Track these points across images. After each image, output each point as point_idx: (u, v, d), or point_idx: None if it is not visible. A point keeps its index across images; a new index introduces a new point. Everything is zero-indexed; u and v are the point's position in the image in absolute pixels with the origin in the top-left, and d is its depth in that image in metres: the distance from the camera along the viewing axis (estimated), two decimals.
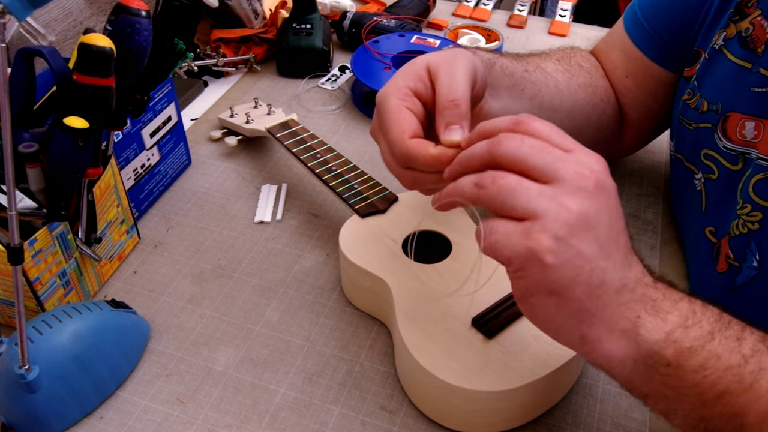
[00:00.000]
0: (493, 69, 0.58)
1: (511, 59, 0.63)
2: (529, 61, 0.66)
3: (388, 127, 0.48)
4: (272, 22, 1.03)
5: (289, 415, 0.55)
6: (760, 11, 0.57)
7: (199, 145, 0.86)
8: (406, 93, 0.49)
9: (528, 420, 0.55)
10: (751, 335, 0.40)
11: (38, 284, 0.58)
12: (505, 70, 0.60)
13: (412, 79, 0.49)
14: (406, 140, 0.47)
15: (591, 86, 0.70)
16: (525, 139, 0.40)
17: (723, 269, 0.59)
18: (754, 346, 0.39)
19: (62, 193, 0.57)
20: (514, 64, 0.62)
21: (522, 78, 0.62)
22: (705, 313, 0.40)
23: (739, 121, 0.58)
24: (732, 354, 0.39)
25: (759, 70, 0.56)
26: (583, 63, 0.72)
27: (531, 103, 0.63)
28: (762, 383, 0.38)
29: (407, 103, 0.49)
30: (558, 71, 0.68)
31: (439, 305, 0.56)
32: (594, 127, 0.71)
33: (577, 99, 0.68)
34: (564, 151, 0.40)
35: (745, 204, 0.56)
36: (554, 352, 0.52)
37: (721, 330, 0.40)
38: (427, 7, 1.13)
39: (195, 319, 0.63)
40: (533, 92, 0.63)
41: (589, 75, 0.71)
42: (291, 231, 0.73)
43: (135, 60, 0.56)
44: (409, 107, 0.48)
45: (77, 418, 0.55)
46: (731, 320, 0.41)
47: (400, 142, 0.47)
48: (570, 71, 0.69)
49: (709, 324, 0.40)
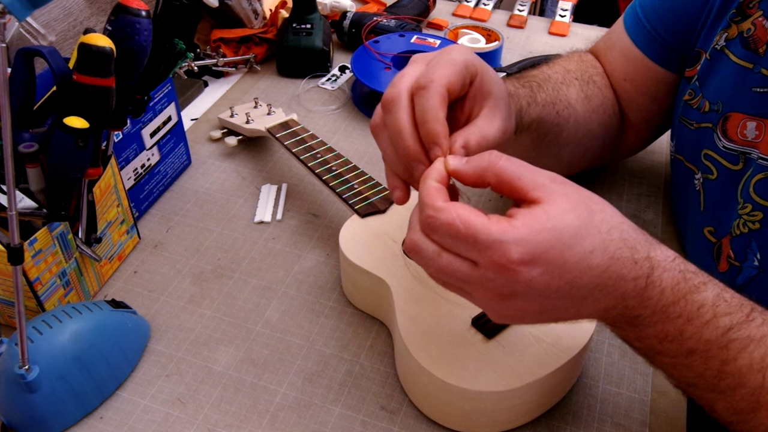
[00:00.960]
0: (528, 129, 0.59)
1: (550, 105, 0.62)
2: (561, 96, 0.64)
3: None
4: (272, 22, 1.03)
5: (289, 415, 0.55)
6: (761, 12, 0.57)
7: (199, 145, 0.86)
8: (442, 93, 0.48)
9: (528, 420, 0.55)
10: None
11: (38, 284, 0.58)
12: (540, 124, 0.61)
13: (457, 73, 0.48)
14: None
15: (602, 106, 0.70)
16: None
17: (724, 269, 0.59)
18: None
19: (62, 193, 0.57)
20: (549, 111, 0.62)
21: (551, 125, 0.63)
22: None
23: (741, 121, 0.58)
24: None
25: (760, 70, 0.56)
26: (596, 77, 0.72)
27: (548, 146, 0.64)
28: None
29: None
30: (579, 100, 0.67)
31: (439, 305, 0.56)
32: (601, 143, 0.72)
33: (590, 125, 0.69)
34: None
35: (746, 204, 0.56)
36: (554, 352, 0.52)
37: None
38: (427, 7, 1.13)
39: (195, 319, 0.63)
40: (554, 134, 0.64)
41: (602, 93, 0.71)
42: (291, 231, 0.73)
43: (135, 60, 0.56)
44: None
45: (77, 418, 0.55)
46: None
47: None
48: (588, 95, 0.69)
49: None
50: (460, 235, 0.40)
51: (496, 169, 0.41)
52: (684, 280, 0.42)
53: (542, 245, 0.39)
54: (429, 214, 0.41)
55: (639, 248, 0.42)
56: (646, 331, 0.43)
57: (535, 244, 0.39)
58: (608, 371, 0.59)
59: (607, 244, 0.41)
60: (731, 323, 0.41)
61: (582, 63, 0.73)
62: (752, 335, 0.41)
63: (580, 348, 0.53)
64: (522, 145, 0.61)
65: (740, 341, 0.41)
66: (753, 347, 0.41)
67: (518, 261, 0.39)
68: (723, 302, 0.42)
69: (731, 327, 0.41)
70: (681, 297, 0.42)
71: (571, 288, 0.40)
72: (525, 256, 0.39)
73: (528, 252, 0.39)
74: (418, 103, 0.45)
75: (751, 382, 0.41)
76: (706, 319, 0.41)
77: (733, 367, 0.41)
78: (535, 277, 0.39)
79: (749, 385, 0.41)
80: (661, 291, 0.42)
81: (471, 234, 0.39)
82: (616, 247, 0.41)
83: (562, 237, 0.39)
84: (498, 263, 0.39)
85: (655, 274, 0.42)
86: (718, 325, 0.41)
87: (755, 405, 0.41)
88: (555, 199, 0.40)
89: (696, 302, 0.42)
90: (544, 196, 0.40)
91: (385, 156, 0.49)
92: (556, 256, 0.39)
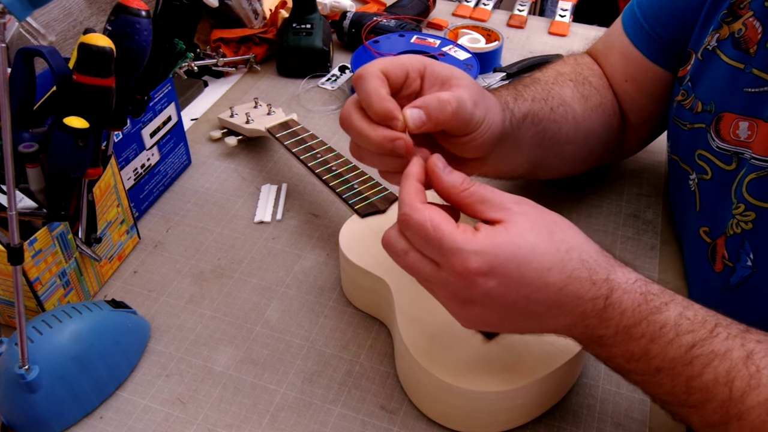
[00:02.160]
0: (524, 124, 0.60)
1: (541, 101, 0.63)
2: (554, 94, 0.65)
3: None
4: (272, 22, 1.03)
5: (289, 415, 0.56)
6: (752, 12, 0.57)
7: (199, 145, 0.86)
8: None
9: (528, 420, 0.55)
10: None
11: (38, 284, 0.58)
12: (535, 119, 0.61)
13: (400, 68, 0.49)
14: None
15: (601, 105, 0.70)
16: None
17: (720, 269, 0.59)
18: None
19: (62, 193, 0.57)
20: (543, 107, 0.63)
21: (548, 120, 0.63)
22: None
23: (733, 121, 0.58)
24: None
25: (752, 70, 0.56)
26: (592, 79, 0.72)
27: (549, 143, 0.64)
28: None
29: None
30: (575, 99, 0.68)
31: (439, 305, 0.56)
32: (603, 144, 0.72)
33: (591, 124, 0.69)
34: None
35: (739, 204, 0.56)
36: (554, 352, 0.52)
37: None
38: (427, 7, 1.13)
39: (195, 319, 0.63)
40: (554, 131, 0.64)
41: (599, 93, 0.71)
42: (291, 231, 0.73)
43: (135, 60, 0.56)
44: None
45: (77, 418, 0.55)
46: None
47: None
48: (584, 95, 0.69)
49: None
50: (428, 237, 0.42)
51: (465, 192, 0.44)
52: (645, 302, 0.43)
53: (499, 258, 0.42)
54: (405, 212, 0.43)
55: (598, 270, 0.44)
56: (612, 351, 0.45)
57: (493, 256, 0.42)
58: (608, 371, 0.58)
59: (565, 263, 0.43)
60: (694, 340, 0.42)
61: (577, 66, 0.73)
62: (716, 350, 0.42)
63: (580, 348, 0.53)
64: (525, 142, 0.61)
65: (704, 357, 0.42)
66: (717, 362, 0.42)
67: (476, 270, 0.41)
68: (685, 320, 0.43)
69: (694, 344, 0.42)
70: (642, 318, 0.43)
71: (528, 302, 0.43)
72: (483, 266, 0.41)
73: (486, 263, 0.41)
74: (359, 91, 0.47)
75: (719, 395, 0.41)
76: (669, 338, 0.43)
77: (699, 382, 0.42)
78: (491, 288, 0.42)
79: (717, 399, 0.42)
80: (622, 312, 0.43)
81: (437, 238, 0.42)
82: (573, 267, 0.43)
83: (519, 252, 0.42)
84: (457, 270, 0.42)
85: (614, 296, 0.43)
86: (681, 343, 0.42)
87: (725, 417, 0.42)
88: (516, 219, 0.43)
89: (658, 322, 0.43)
90: (507, 217, 0.43)
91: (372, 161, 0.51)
92: (512, 270, 0.42)
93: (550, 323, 0.45)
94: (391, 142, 0.46)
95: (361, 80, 0.47)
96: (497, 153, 0.56)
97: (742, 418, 0.41)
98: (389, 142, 0.46)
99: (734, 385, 0.41)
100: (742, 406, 0.41)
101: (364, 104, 0.47)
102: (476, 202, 0.44)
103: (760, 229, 0.54)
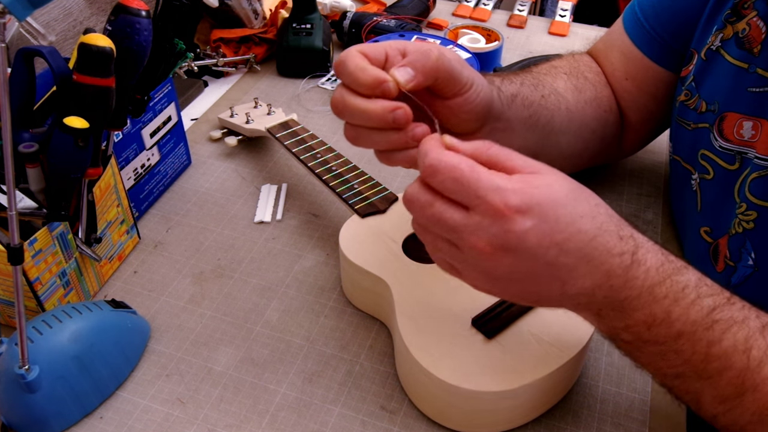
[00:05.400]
0: (514, 104, 0.59)
1: (530, 86, 0.63)
2: (544, 83, 0.66)
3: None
4: (272, 22, 1.03)
5: (289, 415, 0.56)
6: (756, 12, 0.57)
7: (199, 145, 0.86)
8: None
9: (528, 420, 0.55)
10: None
11: (38, 284, 0.58)
12: (525, 101, 0.61)
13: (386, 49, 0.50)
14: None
15: (596, 99, 0.70)
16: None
17: (722, 269, 0.59)
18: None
19: (62, 193, 0.57)
20: (532, 92, 0.62)
21: (539, 106, 0.63)
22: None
23: (737, 121, 0.58)
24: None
25: (756, 70, 0.56)
26: (588, 74, 0.72)
27: (543, 130, 0.64)
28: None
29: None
30: (568, 90, 0.68)
31: (439, 305, 0.56)
32: (599, 139, 0.72)
33: (584, 117, 0.69)
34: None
35: (742, 203, 0.56)
36: (554, 352, 0.52)
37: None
38: (427, 7, 1.13)
39: (195, 319, 0.63)
40: (547, 119, 0.64)
41: (594, 88, 0.71)
42: (291, 231, 0.73)
43: (135, 60, 0.56)
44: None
45: (77, 418, 0.55)
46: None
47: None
48: (578, 87, 0.69)
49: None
50: (464, 177, 0.40)
51: (491, 151, 0.43)
52: (667, 261, 0.43)
53: (536, 197, 0.40)
54: (433, 158, 0.41)
55: (623, 226, 0.43)
56: (634, 317, 0.43)
57: (530, 195, 0.40)
58: (608, 371, 0.59)
59: (595, 214, 0.42)
60: (714, 304, 0.42)
61: (573, 61, 0.74)
62: (734, 317, 0.42)
63: (580, 348, 0.53)
64: (519, 125, 0.60)
65: (724, 322, 0.42)
66: (736, 328, 0.42)
67: (515, 207, 0.40)
68: (704, 285, 0.43)
69: (714, 308, 0.42)
70: (666, 277, 0.42)
71: (559, 253, 0.41)
72: (522, 204, 0.40)
73: (524, 202, 0.40)
74: (343, 74, 0.47)
75: (737, 363, 0.41)
76: (691, 299, 0.42)
77: (718, 348, 0.42)
78: (528, 230, 0.40)
79: (735, 367, 0.41)
80: (647, 270, 0.42)
81: (475, 177, 0.40)
82: (603, 219, 0.42)
83: (555, 195, 0.41)
84: (496, 208, 0.40)
85: (639, 253, 0.42)
86: (703, 305, 0.42)
87: (741, 389, 0.41)
88: (547, 170, 0.43)
89: (680, 283, 0.42)
90: (539, 168, 0.43)
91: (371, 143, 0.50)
92: (549, 211, 0.40)
93: (575, 284, 0.42)
94: (391, 112, 0.46)
95: (343, 64, 0.47)
96: (492, 133, 0.55)
97: (757, 389, 0.41)
98: (389, 112, 0.46)
99: (752, 354, 0.41)
100: (758, 377, 0.41)
101: (352, 82, 0.46)
102: (507, 158, 0.43)
103: (761, 229, 0.54)
